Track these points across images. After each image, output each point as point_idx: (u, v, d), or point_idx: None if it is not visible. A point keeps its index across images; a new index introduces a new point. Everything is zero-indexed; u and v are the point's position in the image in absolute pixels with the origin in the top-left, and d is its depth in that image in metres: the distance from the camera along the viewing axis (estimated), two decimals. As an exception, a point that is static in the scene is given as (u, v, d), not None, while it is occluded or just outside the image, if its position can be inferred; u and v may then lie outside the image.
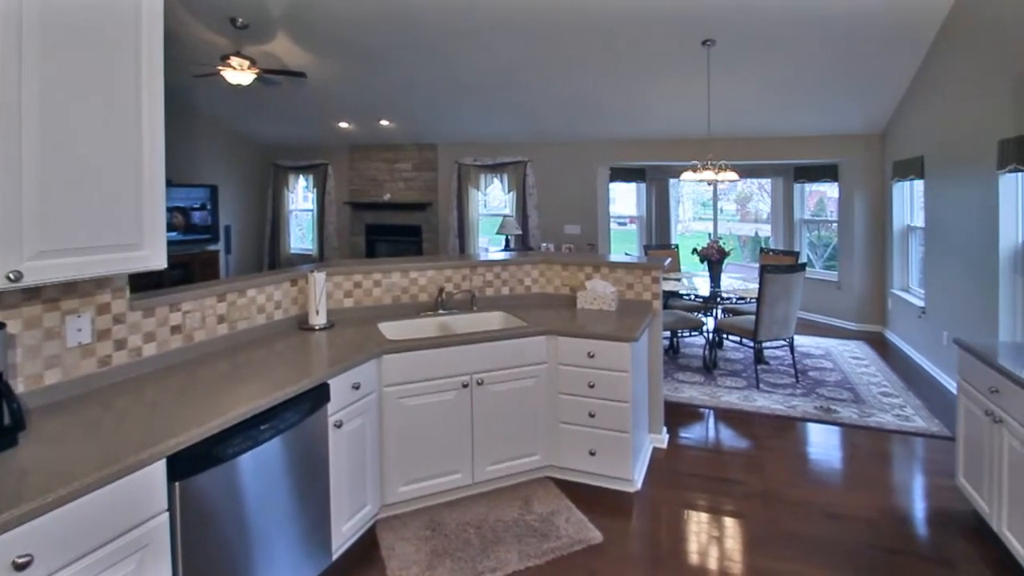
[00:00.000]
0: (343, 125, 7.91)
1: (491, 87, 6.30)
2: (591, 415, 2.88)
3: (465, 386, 2.72)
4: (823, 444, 3.56)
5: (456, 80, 6.18)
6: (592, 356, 2.85)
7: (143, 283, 2.20)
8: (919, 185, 5.47)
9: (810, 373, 4.87)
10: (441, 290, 3.26)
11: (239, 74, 5.22)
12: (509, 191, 7.94)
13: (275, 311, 2.75)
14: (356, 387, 2.34)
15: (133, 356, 2.06)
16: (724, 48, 4.97)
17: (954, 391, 2.93)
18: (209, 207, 8.00)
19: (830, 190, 7.28)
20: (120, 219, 1.70)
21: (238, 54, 5.16)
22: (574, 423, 2.92)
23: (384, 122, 7.66)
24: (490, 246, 8.40)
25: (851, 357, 5.39)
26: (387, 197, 8.43)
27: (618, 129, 7.10)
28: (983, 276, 4.04)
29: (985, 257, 4.01)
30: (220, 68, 5.21)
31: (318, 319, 2.80)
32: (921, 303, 5.29)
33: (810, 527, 2.61)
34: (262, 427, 1.84)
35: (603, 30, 4.94)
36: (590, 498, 2.79)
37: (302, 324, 2.83)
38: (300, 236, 9.74)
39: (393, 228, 8.54)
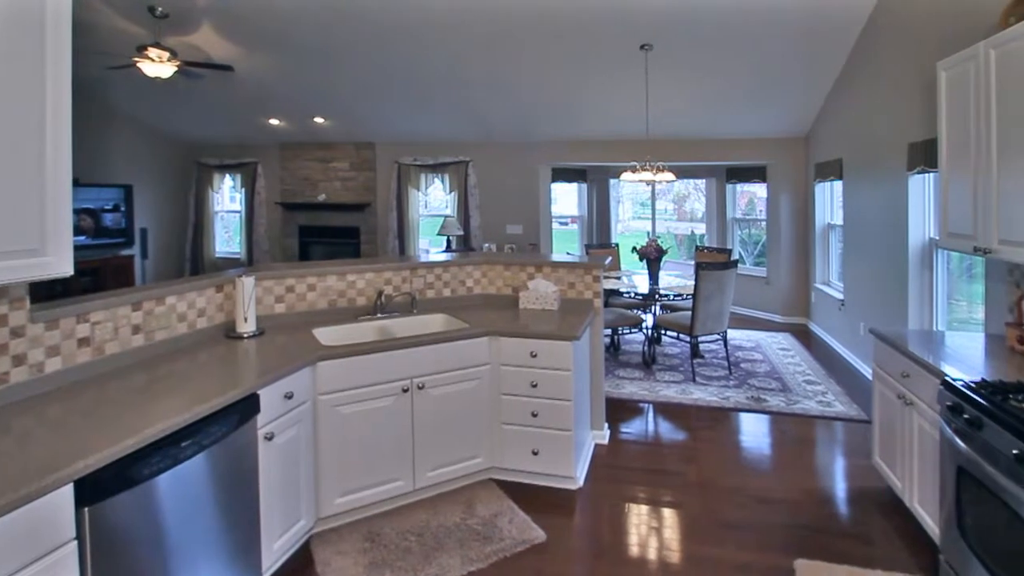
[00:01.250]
0: (274, 122, 7.62)
1: (432, 86, 6.24)
2: (534, 415, 2.90)
3: (405, 391, 2.69)
4: (754, 432, 3.75)
5: (396, 78, 6.08)
6: (535, 356, 2.88)
7: (46, 292, 2.04)
8: (838, 186, 5.85)
9: (742, 365, 5.12)
10: (380, 293, 3.20)
11: (158, 66, 4.92)
12: (450, 191, 7.90)
13: (198, 319, 2.62)
14: (289, 396, 2.26)
15: (35, 372, 1.90)
16: (661, 52, 5.15)
17: (870, 377, 3.16)
18: (123, 209, 7.51)
19: (759, 190, 7.67)
20: (19, 222, 1.57)
21: (157, 45, 4.87)
22: (517, 423, 2.93)
23: (318, 119, 7.44)
24: (431, 247, 8.32)
25: (779, 348, 5.71)
26: (322, 197, 8.18)
27: (560, 130, 7.21)
28: (894, 270, 4.37)
29: (896, 253, 4.34)
30: (137, 60, 4.89)
31: (247, 326, 2.68)
32: (840, 296, 5.67)
33: (743, 512, 2.75)
34: (183, 444, 1.74)
35: (545, 32, 5.00)
36: (534, 498, 2.82)
37: (229, 332, 2.70)
38: (226, 239, 9.28)
39: (329, 230, 8.29)
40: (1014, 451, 1.70)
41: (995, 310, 2.98)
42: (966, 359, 2.45)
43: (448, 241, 7.35)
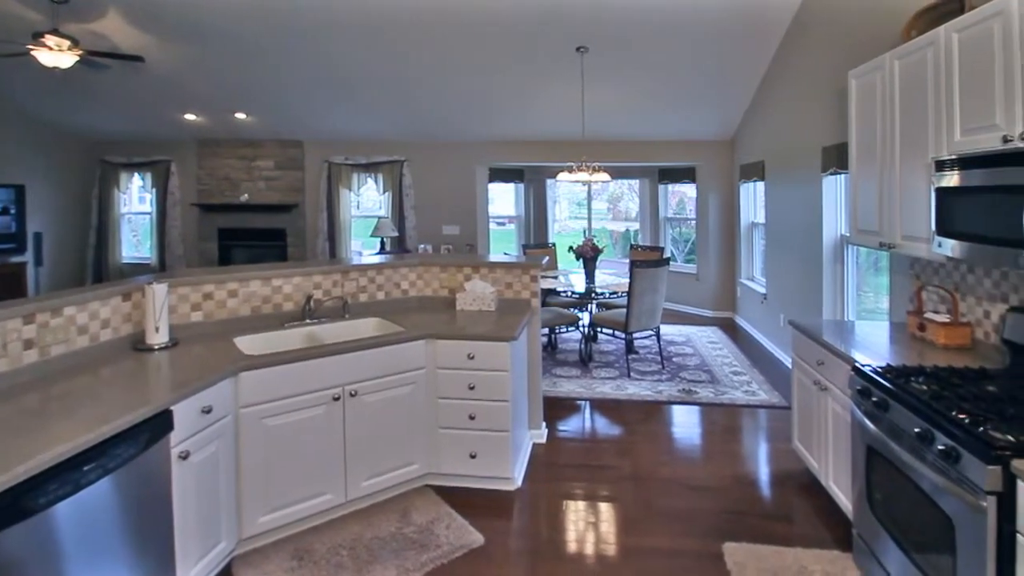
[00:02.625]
0: (190, 117, 7.19)
1: (365, 83, 6.09)
2: (471, 417, 2.89)
3: (336, 399, 2.60)
4: (686, 423, 3.91)
5: (326, 74, 5.89)
6: (472, 357, 2.86)
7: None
8: (761, 186, 6.20)
9: (674, 359, 5.32)
10: (309, 298, 3.08)
11: (56, 55, 4.52)
12: (384, 192, 7.74)
13: (102, 331, 2.42)
14: (207, 411, 2.13)
15: (-98, 397, 1.70)
16: (596, 55, 5.27)
17: (790, 366, 3.35)
18: (13, 211, 6.87)
19: (689, 190, 8.00)
20: None
21: (56, 32, 4.47)
22: (454, 427, 2.91)
23: (240, 115, 7.09)
24: (364, 249, 8.12)
25: (708, 342, 5.98)
26: (244, 198, 7.79)
27: (497, 130, 7.23)
28: (810, 265, 4.68)
29: (812, 248, 4.64)
30: (31, 47, 4.47)
31: (158, 337, 2.51)
32: (763, 290, 6.00)
33: (675, 501, 2.86)
34: (85, 468, 1.61)
35: (482, 33, 5.00)
36: (471, 501, 2.80)
37: (138, 344, 2.52)
38: (135, 243, 8.67)
39: (252, 232, 7.90)
40: (916, 429, 1.85)
41: (898, 300, 3.24)
42: (874, 346, 2.65)
43: (382, 243, 7.20)
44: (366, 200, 8.26)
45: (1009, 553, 1.49)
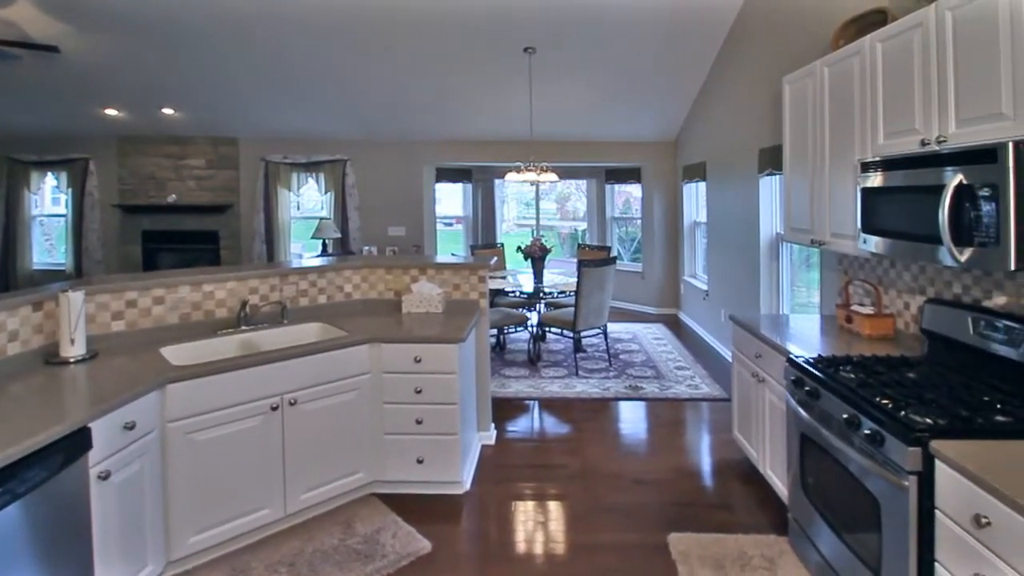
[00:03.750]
0: (111, 113, 6.76)
1: (306, 79, 5.89)
2: (418, 421, 2.84)
3: (274, 409, 2.50)
4: (632, 419, 3.99)
5: (263, 69, 5.66)
6: (419, 361, 2.82)
7: None
8: (703, 186, 6.42)
9: (621, 356, 5.43)
10: (244, 303, 2.95)
11: (-51, 44, 4.16)
12: (326, 192, 7.53)
13: (9, 344, 2.23)
14: (130, 427, 2.00)
15: None
16: (544, 55, 5.31)
17: (730, 359, 3.48)
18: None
19: (635, 190, 8.19)
20: None
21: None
22: (400, 432, 2.85)
23: (168, 111, 6.73)
24: (305, 252, 7.89)
25: (653, 338, 6.13)
26: (172, 199, 7.39)
27: (444, 129, 7.17)
28: (748, 262, 4.88)
29: (749, 246, 4.84)
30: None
31: (74, 349, 2.34)
32: (705, 287, 6.21)
33: (622, 496, 2.91)
34: (-14, 494, 1.47)
35: (429, 32, 4.95)
36: (419, 508, 2.76)
37: (51, 358, 2.34)
38: (47, 248, 8.10)
39: (181, 235, 7.51)
40: (844, 415, 1.95)
41: (828, 294, 3.42)
42: (806, 338, 2.78)
43: (324, 245, 7.00)
44: (307, 200, 8.02)
45: (929, 528, 1.59)
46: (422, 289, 3.36)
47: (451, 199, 9.20)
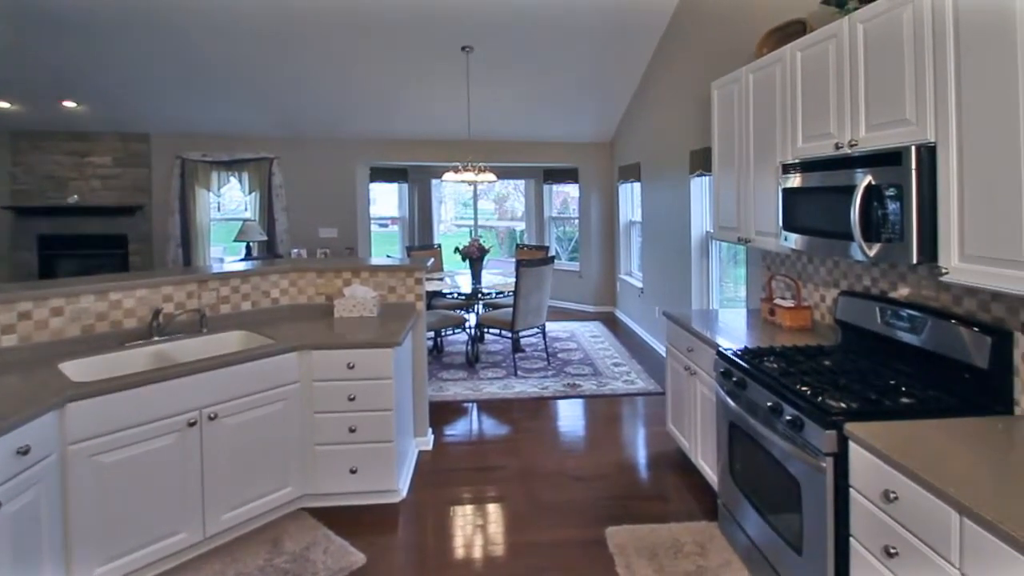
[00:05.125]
0: (3, 106, 6.17)
1: (230, 73, 5.60)
2: (352, 430, 2.76)
3: (192, 424, 2.35)
4: (570, 416, 4.05)
5: (181, 60, 5.32)
6: (352, 367, 2.73)
7: None
8: (638, 187, 6.60)
9: (559, 355, 5.49)
10: (157, 312, 2.76)
11: None
12: (251, 192, 7.19)
13: None
14: (23, 452, 1.82)
15: None
16: (481, 54, 5.29)
17: (665, 355, 3.58)
18: None
19: (572, 191, 8.32)
20: None
21: None
22: (332, 442, 2.76)
23: (69, 103, 6.21)
24: (227, 256, 7.50)
25: (590, 336, 6.25)
26: (74, 199, 6.80)
27: (379, 128, 7.01)
28: (680, 259, 5.06)
29: (682, 244, 5.02)
30: None
31: (-47, 368, 2.11)
32: (640, 285, 6.39)
33: (561, 494, 2.95)
34: None
35: (363, 29, 4.82)
36: (352, 520, 2.67)
37: (-75, 378, 2.10)
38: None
39: (84, 239, 6.91)
40: (768, 403, 2.05)
41: (754, 289, 3.59)
42: (734, 331, 2.91)
43: (248, 248, 6.69)
44: (229, 201, 7.63)
45: (844, 506, 1.70)
46: (355, 293, 3.26)
47: (386, 199, 9.02)
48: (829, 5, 2.25)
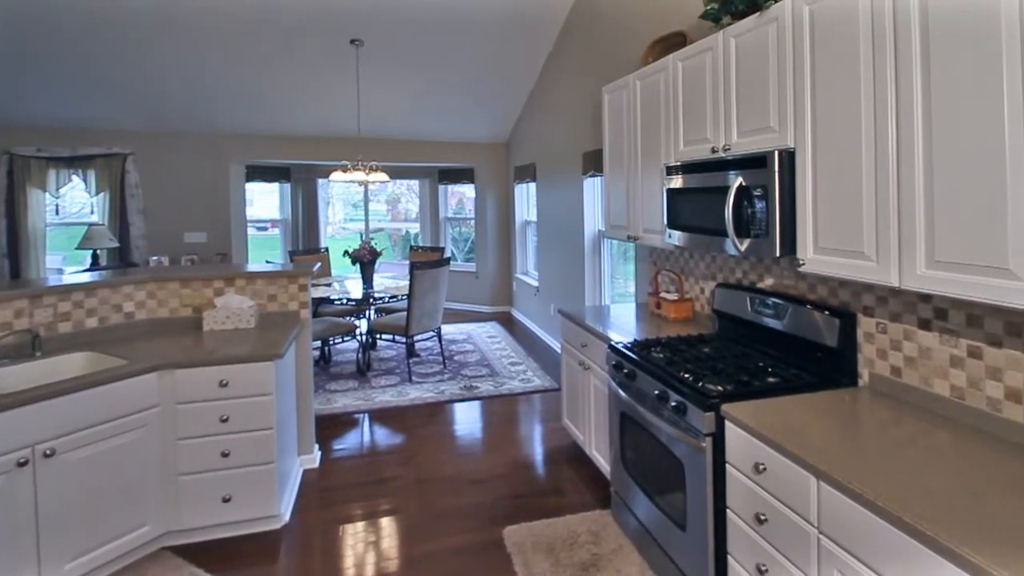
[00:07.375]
0: None
1: (71, 57, 4.92)
2: (225, 454, 2.53)
3: (22, 464, 2.04)
4: (468, 419, 4.04)
5: (8, 36, 4.58)
6: (225, 385, 2.51)
7: None
8: (533, 187, 6.73)
9: (456, 357, 5.46)
10: (-29, 334, 2.36)
11: None
12: (98, 192, 6.41)
13: None
14: None
15: None
16: (372, 49, 5.10)
17: (560, 351, 3.66)
18: None
19: (468, 191, 8.31)
20: None
21: None
22: (201, 470, 2.52)
23: None
24: (67, 266, 6.65)
25: (487, 337, 6.29)
26: None
27: (257, 123, 6.53)
28: (574, 257, 5.23)
29: (575, 243, 5.19)
30: None
31: None
32: (536, 283, 6.52)
33: (458, 499, 2.93)
34: None
35: (237, 14, 4.44)
36: (226, 554, 2.46)
37: None
38: None
39: None
40: (655, 392, 2.16)
41: (642, 284, 3.78)
42: (625, 325, 3.04)
43: (95, 256, 5.97)
44: (70, 203, 6.74)
45: (721, 482, 1.86)
46: (229, 303, 3.01)
47: (266, 200, 8.47)
48: (706, 19, 2.42)
